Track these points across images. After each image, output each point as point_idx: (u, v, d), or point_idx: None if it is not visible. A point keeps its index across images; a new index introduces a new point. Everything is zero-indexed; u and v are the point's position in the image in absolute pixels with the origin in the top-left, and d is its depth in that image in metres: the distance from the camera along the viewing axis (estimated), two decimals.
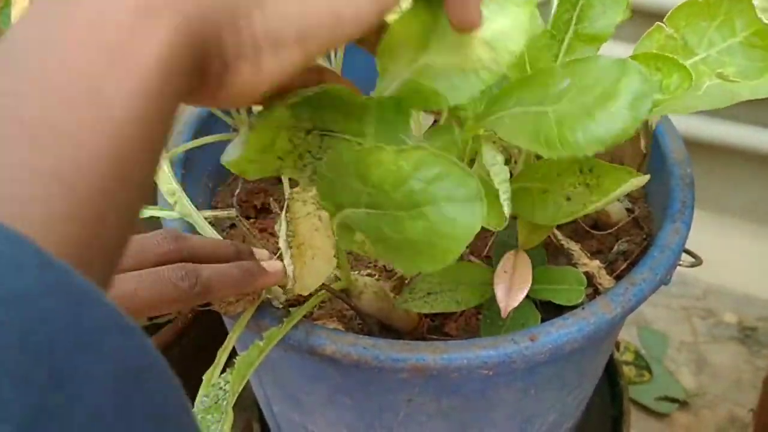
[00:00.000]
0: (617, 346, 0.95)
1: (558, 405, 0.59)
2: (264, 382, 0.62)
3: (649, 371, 1.01)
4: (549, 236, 0.57)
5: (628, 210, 0.62)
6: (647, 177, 0.44)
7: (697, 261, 0.59)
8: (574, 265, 0.55)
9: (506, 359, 0.47)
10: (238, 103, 0.35)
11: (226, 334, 0.51)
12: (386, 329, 0.56)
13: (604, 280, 0.54)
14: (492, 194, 0.42)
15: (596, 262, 0.55)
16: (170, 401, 0.23)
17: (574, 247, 0.55)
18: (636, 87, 0.41)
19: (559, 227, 0.62)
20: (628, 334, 1.06)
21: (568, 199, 0.45)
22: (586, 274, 0.55)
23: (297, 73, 0.33)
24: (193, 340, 0.82)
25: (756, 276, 1.09)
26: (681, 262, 0.55)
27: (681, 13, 0.45)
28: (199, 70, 0.30)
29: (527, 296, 0.52)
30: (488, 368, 0.47)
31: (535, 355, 0.47)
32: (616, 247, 0.58)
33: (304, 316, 0.51)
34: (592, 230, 0.61)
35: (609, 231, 0.60)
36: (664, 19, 0.45)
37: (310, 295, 0.49)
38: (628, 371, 1.01)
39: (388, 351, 0.47)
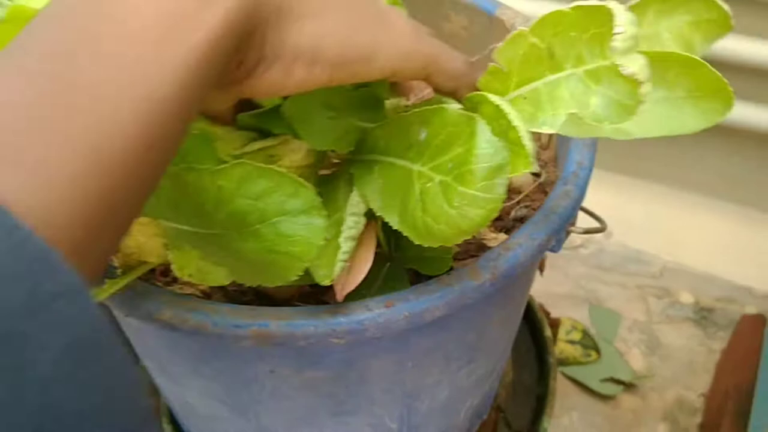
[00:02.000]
0: (556, 323, 0.90)
1: (447, 380, 0.55)
2: (142, 356, 0.58)
3: (597, 351, 0.97)
4: None
5: (536, 175, 0.58)
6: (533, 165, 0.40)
7: (602, 226, 0.54)
8: None
9: (358, 327, 0.42)
10: (260, 96, 0.35)
11: None
12: (264, 297, 0.53)
13: (492, 241, 0.50)
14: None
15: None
16: (120, 375, 0.23)
17: None
18: (486, 162, 0.37)
19: None
20: (578, 313, 1.01)
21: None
22: (475, 239, 0.51)
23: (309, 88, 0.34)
24: None
25: (717, 255, 1.05)
26: (575, 228, 0.50)
27: (548, 22, 0.39)
28: (237, 57, 0.30)
29: (397, 264, 0.49)
30: (338, 336, 0.43)
31: (390, 323, 0.43)
32: (512, 213, 0.54)
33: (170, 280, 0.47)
34: None
35: (511, 197, 0.56)
36: (528, 28, 0.40)
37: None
38: (574, 351, 0.97)
39: (228, 316, 0.43)
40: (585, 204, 0.57)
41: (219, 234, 0.37)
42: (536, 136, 0.62)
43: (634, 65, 0.35)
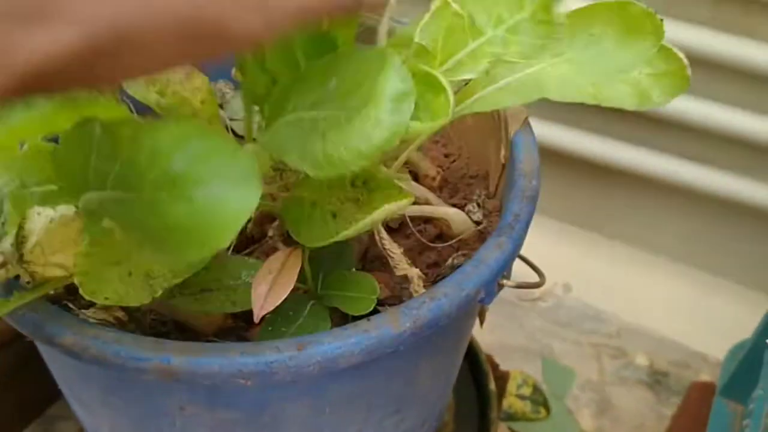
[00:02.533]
0: (506, 376, 0.88)
1: (372, 430, 0.52)
2: (57, 379, 0.56)
3: (547, 408, 0.95)
4: (371, 235, 0.51)
5: (478, 222, 0.56)
6: (411, 198, 0.39)
7: (541, 280, 0.53)
8: (394, 269, 0.50)
9: (266, 369, 0.41)
10: None
11: None
12: (185, 329, 0.51)
13: (420, 290, 0.48)
14: None
15: (417, 270, 0.49)
16: None
17: (395, 250, 0.49)
18: (396, 88, 0.36)
19: (392, 232, 0.57)
20: (531, 367, 1.00)
21: (334, 216, 0.39)
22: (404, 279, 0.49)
23: None
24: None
25: (675, 318, 1.04)
26: (507, 282, 0.49)
27: None
28: None
29: (321, 302, 0.47)
30: (245, 377, 0.41)
31: (300, 366, 0.41)
32: (449, 260, 0.52)
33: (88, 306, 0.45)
34: (433, 242, 0.55)
35: (449, 243, 0.55)
36: None
37: None
38: (524, 406, 0.94)
39: (130, 348, 0.41)
40: (544, 255, 0.55)
41: (147, 199, 0.35)
42: (484, 185, 0.61)
43: None
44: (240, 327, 0.49)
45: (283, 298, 0.40)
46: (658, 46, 0.43)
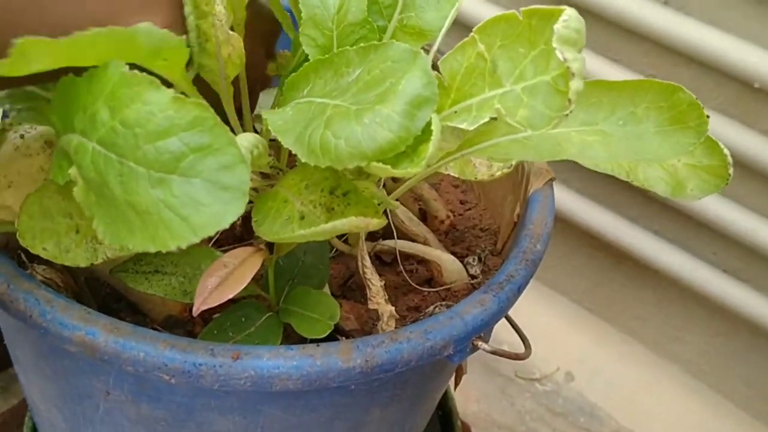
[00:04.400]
0: None
1: None
2: (4, 334, 0.53)
3: None
4: (356, 262, 0.48)
5: (473, 276, 0.52)
6: (383, 222, 0.36)
7: (526, 352, 0.49)
8: (369, 300, 0.46)
9: (192, 370, 0.37)
10: None
11: None
12: (138, 312, 0.48)
13: (388, 328, 0.45)
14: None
15: (391, 308, 0.45)
16: None
17: (375, 282, 0.46)
18: (416, 90, 0.33)
19: (384, 265, 0.53)
20: None
21: (302, 217, 0.36)
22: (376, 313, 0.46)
23: None
24: None
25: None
26: (482, 345, 0.44)
27: (497, 28, 0.36)
28: None
29: (278, 316, 0.43)
30: (169, 373, 0.37)
31: (230, 377, 0.37)
32: (431, 308, 0.49)
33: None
34: (422, 285, 0.52)
35: (436, 289, 0.51)
36: (474, 30, 0.37)
37: None
38: None
39: (58, 312, 0.38)
40: (553, 336, 0.51)
41: (127, 166, 0.32)
42: (492, 240, 0.57)
43: (570, 53, 0.32)
44: (192, 322, 0.46)
45: (230, 296, 0.37)
46: (698, 142, 0.40)
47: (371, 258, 0.53)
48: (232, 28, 0.40)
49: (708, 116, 0.39)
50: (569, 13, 0.32)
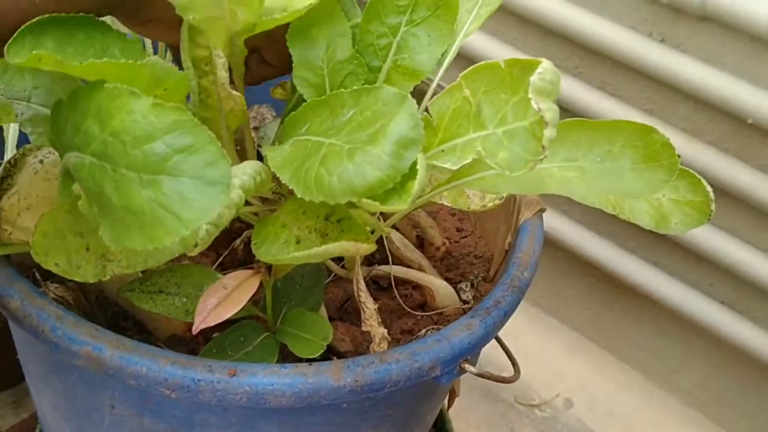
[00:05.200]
0: None
1: None
2: (17, 348, 0.56)
3: None
4: (353, 285, 0.50)
5: (465, 302, 0.54)
6: (373, 247, 0.38)
7: (515, 375, 0.50)
8: (363, 322, 0.48)
9: (192, 385, 0.39)
10: None
11: None
12: (143, 331, 0.50)
13: (380, 349, 0.47)
14: None
15: (383, 331, 0.47)
16: None
17: (369, 305, 0.48)
18: (402, 132, 0.36)
19: (380, 290, 0.55)
20: None
21: (298, 241, 0.39)
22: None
23: None
24: None
25: None
26: (469, 367, 0.46)
27: (482, 75, 0.38)
28: None
29: (275, 336, 0.46)
30: (170, 388, 0.40)
31: (227, 392, 0.39)
32: (423, 331, 0.51)
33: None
34: (416, 309, 0.54)
35: (429, 314, 0.53)
36: (461, 77, 0.39)
37: None
38: None
39: (68, 327, 0.40)
40: (554, 363, 0.53)
41: (120, 173, 0.35)
42: (485, 267, 0.59)
43: (545, 104, 0.34)
44: (194, 341, 0.48)
45: (228, 316, 0.39)
46: (670, 179, 0.42)
47: (368, 283, 0.55)
48: (232, 82, 0.42)
49: (679, 156, 0.41)
50: (545, 65, 0.34)
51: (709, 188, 0.48)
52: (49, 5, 0.36)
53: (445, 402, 0.59)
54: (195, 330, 0.39)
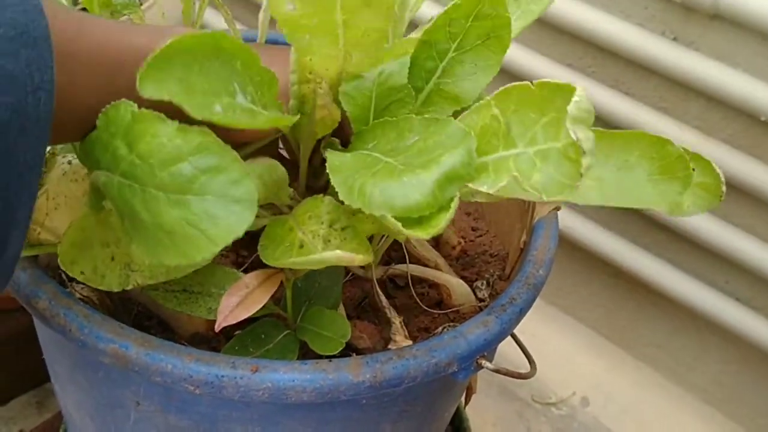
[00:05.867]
0: None
1: None
2: (43, 348, 0.57)
3: None
4: (370, 285, 0.51)
5: (481, 300, 0.55)
6: (369, 259, 0.39)
7: (531, 372, 0.51)
8: (388, 321, 0.49)
9: (215, 381, 0.40)
10: None
11: None
12: (167, 329, 0.51)
13: (402, 342, 0.48)
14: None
15: (409, 342, 0.48)
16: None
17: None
18: (453, 166, 0.37)
19: (398, 289, 0.56)
20: None
21: (301, 246, 0.40)
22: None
23: None
24: None
25: None
26: (486, 364, 0.47)
27: (511, 96, 0.39)
28: None
29: (295, 334, 0.47)
30: (194, 384, 0.41)
31: (250, 388, 0.40)
32: (440, 329, 0.51)
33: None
34: (432, 307, 0.55)
35: (445, 311, 0.54)
36: (491, 97, 0.40)
37: None
38: None
39: (94, 326, 0.42)
40: (570, 361, 0.53)
41: (149, 193, 0.36)
42: (501, 265, 0.60)
43: (583, 133, 0.35)
44: (216, 338, 0.49)
45: (249, 314, 0.40)
46: (684, 192, 0.43)
47: (385, 281, 0.56)
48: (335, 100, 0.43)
49: (693, 169, 0.42)
50: (580, 93, 0.35)
51: (718, 170, 0.49)
52: None
53: (462, 399, 0.60)
54: (217, 328, 0.40)
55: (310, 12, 0.38)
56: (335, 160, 0.41)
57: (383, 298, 0.51)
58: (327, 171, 0.41)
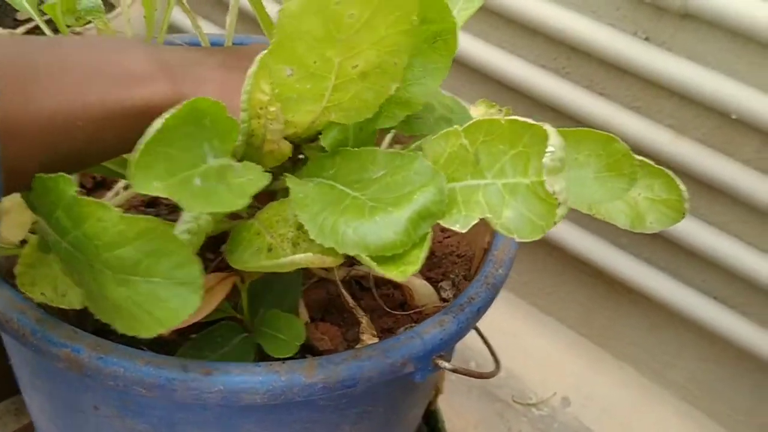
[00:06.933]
0: None
1: None
2: (9, 353, 0.57)
3: None
4: (335, 287, 0.51)
5: (445, 300, 0.55)
6: (339, 261, 0.39)
7: (494, 371, 0.51)
8: (355, 321, 0.49)
9: (167, 384, 0.40)
10: None
11: None
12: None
13: (369, 340, 0.48)
14: None
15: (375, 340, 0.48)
16: None
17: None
18: (425, 205, 0.38)
19: (364, 290, 0.56)
20: None
21: (270, 249, 0.40)
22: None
23: None
24: None
25: None
26: (443, 363, 0.47)
27: (481, 128, 0.39)
28: None
29: (252, 337, 0.47)
30: (146, 387, 0.41)
31: (202, 391, 0.41)
32: (401, 329, 0.52)
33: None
34: (396, 309, 0.55)
35: (408, 312, 0.54)
36: (461, 129, 0.40)
37: None
38: None
39: (48, 331, 0.42)
40: (550, 362, 0.53)
41: (97, 268, 0.37)
42: (467, 266, 0.60)
43: (558, 185, 0.35)
44: (176, 342, 0.49)
45: (199, 318, 0.40)
46: (630, 188, 0.43)
47: (350, 283, 0.56)
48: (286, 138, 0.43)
49: (638, 165, 0.42)
50: (554, 142, 0.35)
51: (682, 186, 0.49)
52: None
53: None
54: (167, 331, 0.40)
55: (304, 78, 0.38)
56: (298, 192, 0.40)
57: (349, 298, 0.51)
58: (283, 177, 0.41)
